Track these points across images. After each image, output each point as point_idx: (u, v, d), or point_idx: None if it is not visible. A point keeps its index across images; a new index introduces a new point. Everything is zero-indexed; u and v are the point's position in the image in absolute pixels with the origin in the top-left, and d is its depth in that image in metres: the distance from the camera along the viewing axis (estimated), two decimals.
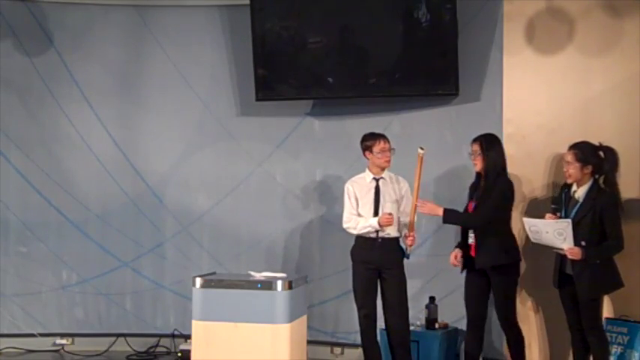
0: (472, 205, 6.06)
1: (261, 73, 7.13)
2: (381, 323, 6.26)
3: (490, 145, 6.01)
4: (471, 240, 6.00)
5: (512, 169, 6.31)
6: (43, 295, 7.49)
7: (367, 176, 6.24)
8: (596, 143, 5.77)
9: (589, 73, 6.31)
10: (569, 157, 5.71)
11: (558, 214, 5.73)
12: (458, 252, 6.14)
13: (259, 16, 7.05)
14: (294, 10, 7.10)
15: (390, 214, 6.05)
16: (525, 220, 5.78)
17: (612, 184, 5.73)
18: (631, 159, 6.03)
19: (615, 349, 5.95)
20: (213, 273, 6.43)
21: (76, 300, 7.52)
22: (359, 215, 6.18)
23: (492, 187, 5.93)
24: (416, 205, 6.02)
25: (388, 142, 6.18)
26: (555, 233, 5.57)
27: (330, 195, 7.25)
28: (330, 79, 7.08)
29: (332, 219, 7.22)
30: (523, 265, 6.17)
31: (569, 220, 5.57)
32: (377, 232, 6.09)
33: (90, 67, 7.51)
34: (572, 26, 6.36)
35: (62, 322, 7.51)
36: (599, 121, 6.19)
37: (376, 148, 6.17)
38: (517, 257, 6.00)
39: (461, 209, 6.29)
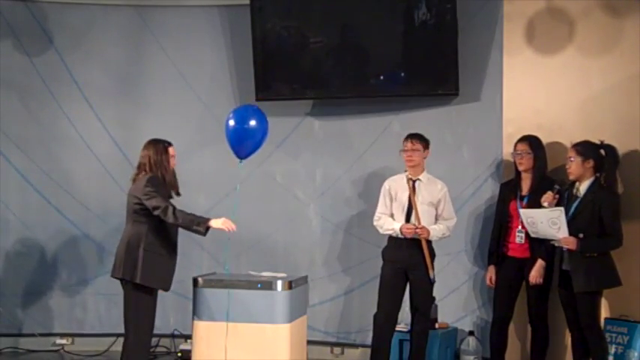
0: (515, 203, 6.10)
1: (261, 73, 7.13)
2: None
3: (539, 145, 6.12)
4: (520, 239, 6.06)
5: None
6: (43, 295, 7.48)
7: (405, 176, 6.21)
8: (597, 141, 5.80)
9: (589, 73, 6.32)
10: (571, 153, 5.78)
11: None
12: (493, 272, 6.21)
13: (259, 16, 7.05)
14: (294, 10, 7.10)
15: (413, 225, 5.99)
16: (522, 211, 5.80)
17: (612, 182, 5.76)
18: (631, 159, 6.03)
19: (615, 349, 5.96)
20: (213, 273, 6.42)
21: (76, 300, 7.51)
22: (391, 215, 6.17)
23: (539, 187, 5.97)
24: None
25: (410, 141, 6.16)
26: (550, 223, 5.61)
27: (330, 195, 7.25)
28: (330, 79, 7.08)
29: (332, 219, 7.22)
30: None
31: (562, 209, 5.62)
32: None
33: (90, 67, 7.50)
34: (572, 26, 6.37)
35: (62, 322, 7.49)
36: (599, 121, 6.20)
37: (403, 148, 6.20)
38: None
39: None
